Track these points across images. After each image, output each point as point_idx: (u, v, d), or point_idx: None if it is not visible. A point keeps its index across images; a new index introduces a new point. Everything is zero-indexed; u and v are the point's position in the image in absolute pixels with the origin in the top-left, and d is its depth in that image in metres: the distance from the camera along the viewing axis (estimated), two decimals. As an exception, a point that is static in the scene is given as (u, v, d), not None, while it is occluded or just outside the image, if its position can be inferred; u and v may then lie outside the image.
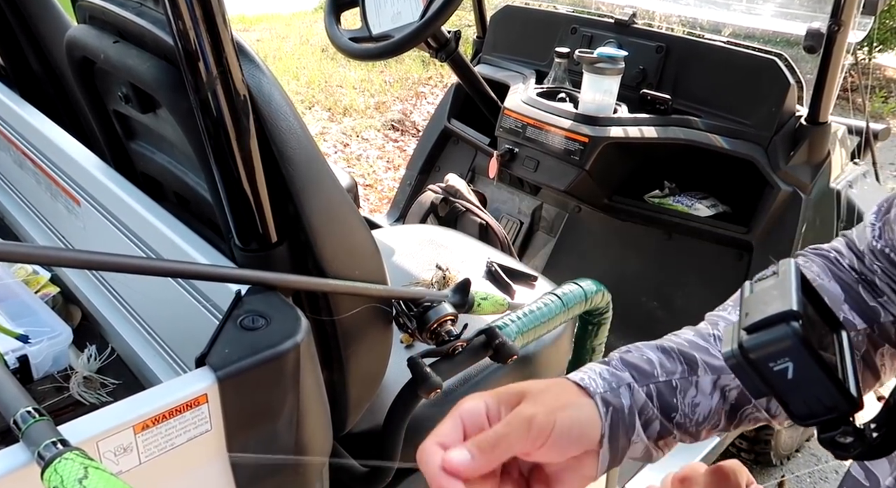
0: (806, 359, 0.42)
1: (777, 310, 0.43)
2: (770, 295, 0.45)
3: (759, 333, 0.43)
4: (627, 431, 0.47)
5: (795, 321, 0.42)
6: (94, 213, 0.86)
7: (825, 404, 0.43)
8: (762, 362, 0.42)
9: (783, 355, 0.42)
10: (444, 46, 1.59)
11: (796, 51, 1.52)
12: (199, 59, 0.56)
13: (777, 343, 0.42)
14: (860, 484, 0.60)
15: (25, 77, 1.07)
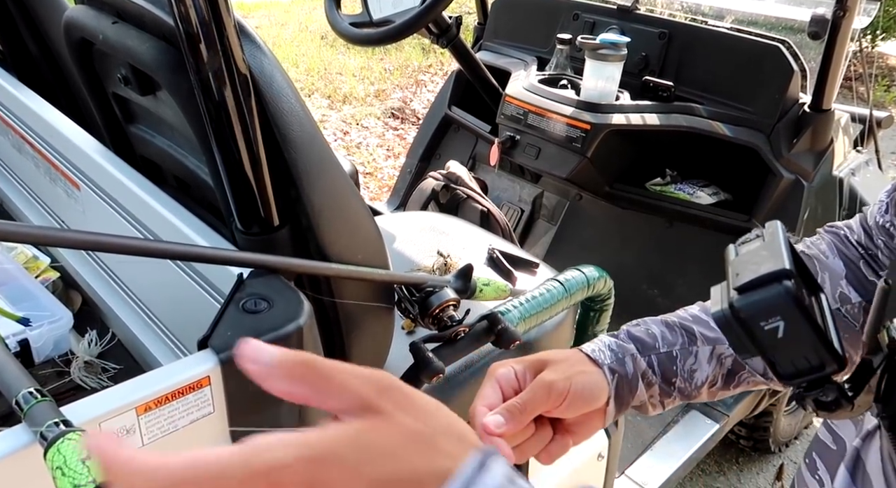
0: (798, 318, 0.42)
1: (769, 270, 0.43)
2: (759, 256, 0.45)
3: (750, 293, 0.43)
4: (631, 392, 0.56)
5: (789, 280, 0.43)
6: (94, 197, 0.85)
7: (812, 363, 0.43)
8: (753, 321, 0.43)
9: (775, 314, 0.43)
10: (446, 32, 1.58)
11: (800, 37, 1.51)
12: (200, 40, 0.55)
13: (770, 302, 0.43)
14: (828, 448, 0.62)
15: (23, 60, 1.06)
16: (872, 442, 0.53)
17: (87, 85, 0.87)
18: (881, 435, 0.52)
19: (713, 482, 1.78)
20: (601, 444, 1.19)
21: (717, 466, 1.82)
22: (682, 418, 1.56)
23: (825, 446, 0.63)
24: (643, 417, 1.55)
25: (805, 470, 0.65)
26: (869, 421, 0.55)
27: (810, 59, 1.50)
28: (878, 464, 0.52)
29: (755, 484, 1.77)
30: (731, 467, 1.82)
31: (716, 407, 1.57)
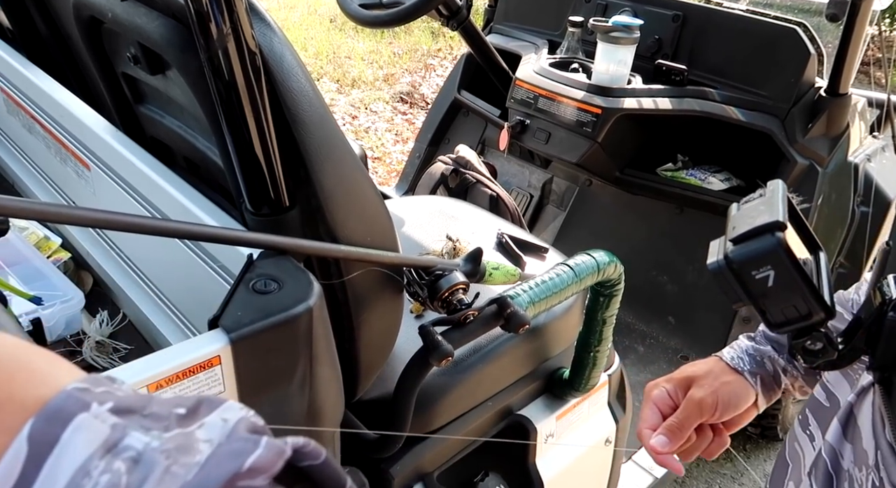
0: (787, 267, 0.45)
1: (763, 222, 0.46)
2: (757, 210, 0.48)
3: (744, 243, 0.46)
4: (777, 385, 0.62)
5: (780, 231, 0.45)
6: (105, 178, 0.85)
7: (800, 312, 0.46)
8: (745, 270, 0.46)
9: (766, 263, 0.45)
10: (456, 14, 1.56)
11: (818, 20, 1.48)
12: (210, 17, 0.55)
13: (761, 251, 0.45)
14: (822, 406, 0.65)
15: (32, 40, 1.05)
16: (866, 397, 0.56)
17: (96, 64, 0.87)
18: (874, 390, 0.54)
19: (720, 468, 1.78)
20: (609, 429, 1.19)
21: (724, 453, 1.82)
22: (689, 404, 1.55)
23: (819, 403, 0.65)
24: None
25: (797, 426, 0.68)
26: (864, 379, 0.57)
27: (827, 42, 1.48)
28: (869, 417, 0.54)
29: (762, 471, 1.77)
30: (739, 453, 1.82)
31: (724, 393, 1.56)
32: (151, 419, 0.18)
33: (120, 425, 0.17)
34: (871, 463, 0.52)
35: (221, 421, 0.18)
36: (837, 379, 0.63)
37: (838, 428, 0.58)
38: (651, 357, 1.68)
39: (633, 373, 1.62)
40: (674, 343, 1.71)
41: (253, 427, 0.19)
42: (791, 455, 0.67)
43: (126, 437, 0.17)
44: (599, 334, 1.03)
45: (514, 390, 1.04)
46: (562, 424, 1.10)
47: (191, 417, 0.18)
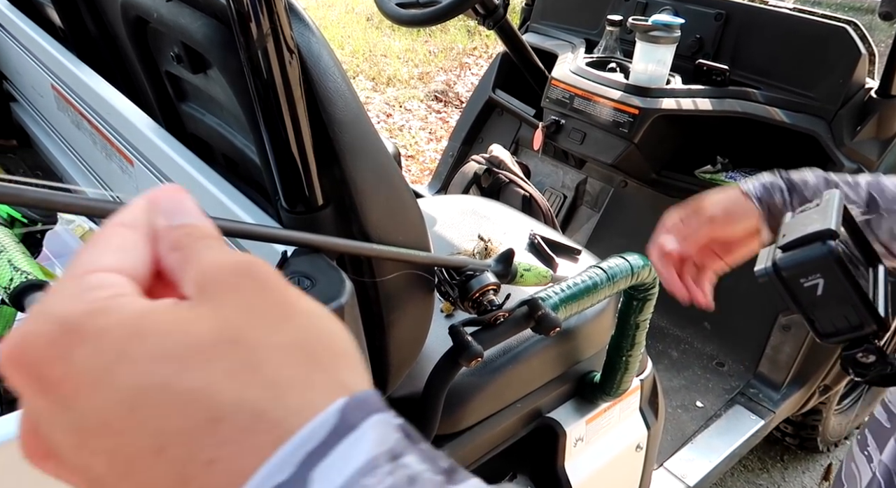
0: (837, 276, 0.44)
1: (814, 230, 0.45)
2: (810, 219, 0.48)
3: (793, 251, 0.46)
4: (779, 216, 0.59)
5: (831, 239, 0.45)
6: (147, 173, 0.88)
7: (851, 322, 0.45)
8: (793, 278, 0.45)
9: (815, 271, 0.44)
10: (492, 13, 1.55)
11: (870, 18, 1.43)
12: (251, 18, 0.56)
13: (810, 259, 0.45)
14: (882, 426, 0.63)
15: (82, 38, 1.09)
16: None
17: (141, 63, 0.89)
18: None
19: (755, 479, 1.74)
20: (640, 435, 1.17)
21: (760, 463, 1.78)
22: (724, 413, 1.52)
23: (879, 423, 0.63)
24: (684, 410, 1.52)
25: (855, 446, 0.66)
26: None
27: (879, 41, 1.42)
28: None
29: (800, 483, 1.72)
30: (776, 464, 1.77)
31: (762, 403, 1.52)
32: (425, 454, 0.17)
33: (403, 442, 0.17)
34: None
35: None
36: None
37: (895, 448, 0.56)
38: (685, 362, 1.65)
39: (667, 379, 1.59)
40: (709, 349, 1.67)
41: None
42: (847, 475, 0.65)
43: (407, 455, 0.17)
44: (632, 338, 1.01)
45: (543, 392, 1.03)
46: (592, 428, 1.09)
47: (452, 474, 0.17)
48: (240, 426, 0.16)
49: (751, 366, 1.59)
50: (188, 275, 0.19)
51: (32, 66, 1.18)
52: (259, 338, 0.17)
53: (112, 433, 0.17)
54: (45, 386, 0.17)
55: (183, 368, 0.17)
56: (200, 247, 0.20)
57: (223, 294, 0.18)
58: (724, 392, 1.56)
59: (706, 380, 1.60)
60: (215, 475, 0.16)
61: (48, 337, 0.17)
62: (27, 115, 1.37)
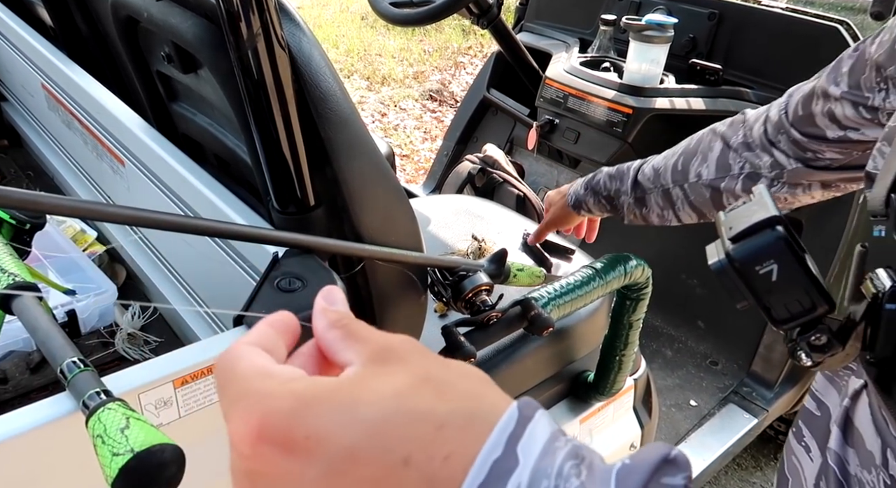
0: (790, 260, 0.45)
1: (760, 218, 0.46)
2: (749, 210, 0.49)
3: (745, 241, 0.47)
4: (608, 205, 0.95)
5: (779, 225, 0.46)
6: (138, 174, 0.87)
7: (804, 306, 0.46)
8: (748, 267, 0.46)
9: (768, 257, 0.45)
10: (486, 13, 1.55)
11: (862, 18, 1.43)
12: (241, 18, 0.55)
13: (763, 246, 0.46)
14: (813, 415, 0.64)
15: (73, 37, 1.08)
16: (860, 400, 0.55)
17: (132, 62, 0.89)
18: (868, 391, 0.54)
19: (749, 477, 1.74)
20: (634, 434, 1.18)
21: (753, 461, 1.78)
22: (718, 411, 1.52)
23: (810, 413, 0.64)
24: (678, 409, 1.52)
25: (792, 438, 0.67)
26: (855, 383, 0.57)
27: (871, 41, 1.42)
28: (868, 418, 0.53)
29: (792, 482, 1.73)
30: (769, 463, 1.78)
31: (755, 401, 1.53)
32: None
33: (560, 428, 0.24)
34: (878, 463, 0.51)
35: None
36: (826, 388, 0.63)
37: (839, 435, 0.57)
38: (679, 361, 1.65)
39: (660, 378, 1.60)
40: (703, 348, 1.68)
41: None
42: (790, 469, 0.66)
43: (569, 434, 0.24)
44: (625, 338, 1.01)
45: (537, 392, 1.03)
46: (585, 428, 1.09)
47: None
48: (459, 426, 0.22)
49: (744, 364, 1.59)
50: (356, 346, 0.25)
51: (23, 65, 1.17)
52: (440, 373, 0.24)
53: (362, 461, 0.21)
54: (292, 448, 0.21)
55: (403, 401, 0.22)
56: (360, 327, 0.26)
57: (399, 357, 0.24)
58: (717, 390, 1.57)
59: (700, 379, 1.60)
60: (452, 465, 0.21)
61: (286, 407, 0.22)
62: (18, 115, 1.36)
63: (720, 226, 0.50)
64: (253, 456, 0.22)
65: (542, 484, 0.21)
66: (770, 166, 0.74)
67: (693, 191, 0.81)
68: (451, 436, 0.22)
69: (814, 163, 0.71)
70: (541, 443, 0.22)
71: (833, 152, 0.68)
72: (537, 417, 0.23)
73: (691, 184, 0.81)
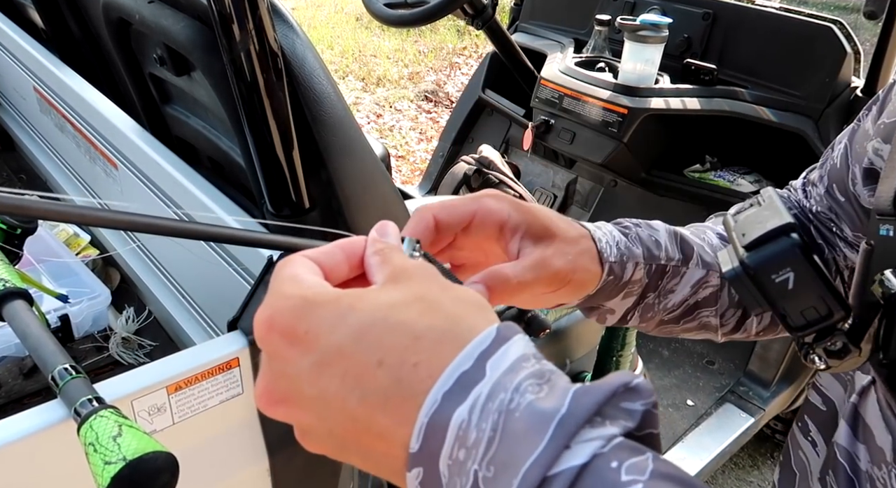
0: (807, 268, 0.44)
1: (775, 225, 0.45)
2: (761, 216, 0.47)
3: (760, 248, 0.45)
4: (608, 297, 0.49)
5: (794, 232, 0.45)
6: (131, 177, 0.87)
7: (820, 313, 0.45)
8: (764, 275, 0.45)
9: (785, 266, 0.45)
10: (481, 13, 1.55)
11: (855, 17, 1.44)
12: (233, 20, 0.55)
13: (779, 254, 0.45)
14: (818, 410, 0.63)
15: (65, 40, 1.07)
16: (869, 396, 0.55)
17: (124, 65, 0.88)
18: (876, 388, 0.53)
19: (746, 476, 1.75)
20: (630, 435, 1.18)
21: (751, 460, 1.79)
22: (715, 411, 1.53)
23: (815, 408, 0.64)
24: (675, 409, 1.52)
25: (798, 433, 0.66)
26: (862, 379, 0.56)
27: (865, 40, 1.43)
28: (877, 414, 0.53)
29: (789, 481, 1.73)
30: (766, 461, 1.78)
31: (752, 400, 1.53)
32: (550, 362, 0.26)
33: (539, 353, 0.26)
34: (889, 460, 0.51)
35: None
36: (830, 382, 0.62)
37: (848, 431, 0.56)
38: (676, 361, 1.65)
39: (658, 378, 1.60)
40: (699, 348, 1.68)
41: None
42: (797, 463, 0.66)
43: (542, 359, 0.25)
44: (623, 339, 1.01)
45: (534, 394, 1.03)
46: (583, 429, 1.09)
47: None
48: (433, 339, 0.25)
49: (741, 364, 1.59)
50: (384, 269, 0.29)
51: (14, 68, 1.16)
52: (435, 295, 0.27)
53: (346, 357, 0.25)
54: (293, 338, 0.26)
55: (391, 312, 0.26)
56: (395, 254, 0.30)
57: (409, 278, 0.28)
58: (714, 390, 1.57)
59: (697, 379, 1.60)
60: (419, 372, 0.24)
61: (293, 305, 0.26)
62: (10, 118, 1.35)
63: (731, 231, 0.49)
64: (264, 340, 0.26)
65: (499, 396, 0.23)
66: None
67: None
68: (424, 347, 0.25)
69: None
70: (509, 361, 0.24)
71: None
72: (514, 339, 0.25)
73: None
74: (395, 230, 0.32)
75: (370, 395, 0.25)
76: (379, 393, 0.24)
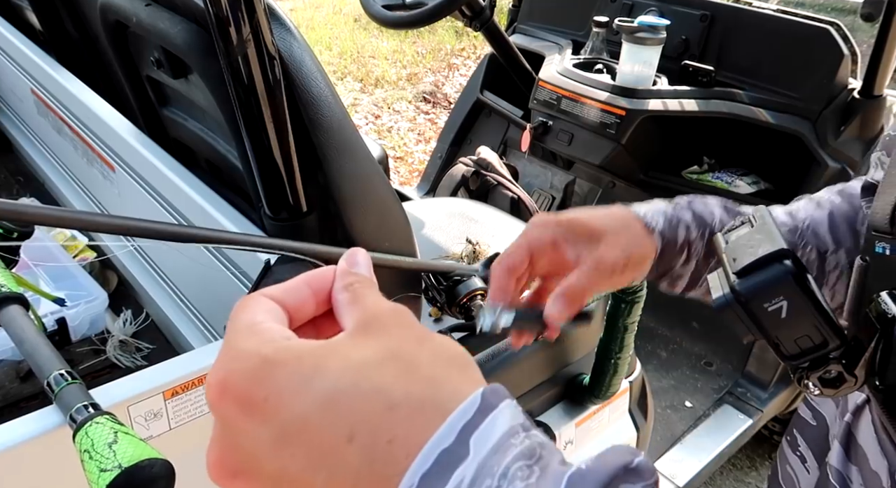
0: (800, 297, 0.42)
1: (767, 251, 0.43)
2: (754, 239, 0.45)
3: (752, 275, 0.43)
4: (671, 262, 0.52)
5: (788, 260, 0.43)
6: (129, 180, 0.86)
7: (814, 342, 0.43)
8: (756, 303, 0.43)
9: (778, 294, 0.42)
10: (479, 15, 1.55)
11: (852, 19, 1.44)
12: (230, 22, 0.55)
13: (772, 282, 0.43)
14: (809, 425, 0.63)
15: (62, 42, 1.07)
16: (863, 416, 0.53)
17: (121, 67, 0.88)
18: (871, 409, 0.52)
19: (745, 477, 1.75)
20: (629, 436, 1.17)
21: (749, 461, 1.79)
22: (713, 412, 1.53)
23: (806, 423, 0.63)
24: (673, 410, 1.52)
25: (786, 447, 0.65)
26: (856, 397, 0.55)
27: (862, 42, 1.43)
28: (872, 436, 0.51)
29: (787, 482, 1.73)
30: (764, 462, 1.78)
31: (750, 402, 1.53)
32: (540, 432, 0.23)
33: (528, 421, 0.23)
34: (884, 485, 0.50)
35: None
36: (822, 399, 0.61)
37: (841, 452, 0.55)
38: (674, 363, 1.65)
39: (656, 379, 1.60)
40: (697, 349, 1.68)
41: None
42: (784, 478, 0.65)
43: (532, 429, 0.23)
44: (621, 341, 1.01)
45: (532, 396, 1.03)
46: (581, 431, 1.09)
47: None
48: (411, 409, 0.22)
49: (739, 365, 1.59)
50: (354, 312, 0.25)
51: (11, 70, 1.16)
52: (412, 352, 0.23)
53: (311, 430, 0.22)
54: (250, 407, 0.22)
55: (363, 375, 0.22)
56: (366, 292, 0.26)
57: (382, 328, 0.24)
58: (712, 391, 1.57)
59: (695, 380, 1.60)
60: (395, 450, 0.21)
61: (251, 368, 0.23)
62: (7, 120, 1.35)
63: (722, 255, 0.46)
64: (216, 406, 0.23)
65: (484, 482, 0.20)
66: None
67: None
68: (400, 420, 0.22)
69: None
70: (496, 437, 0.21)
71: None
72: (501, 407, 0.22)
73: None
74: (365, 259, 0.28)
75: (339, 475, 0.21)
76: (349, 474, 0.21)
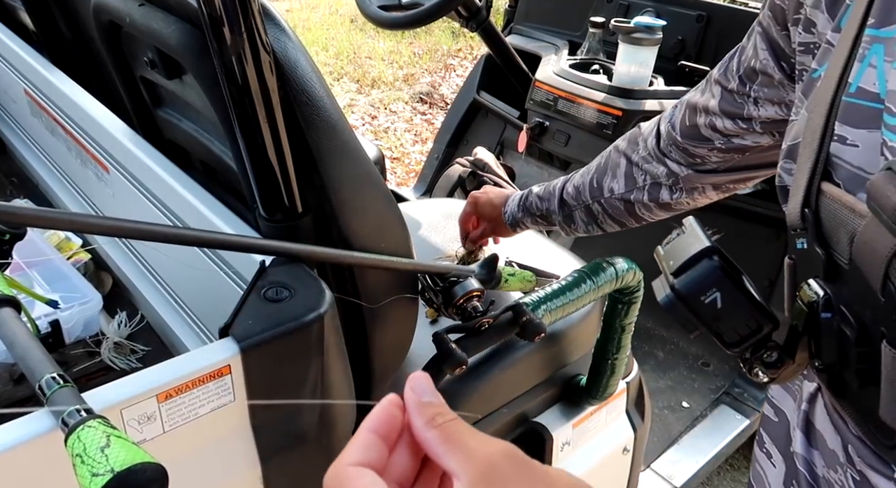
0: (730, 286, 0.49)
1: (695, 250, 0.50)
2: (684, 243, 0.52)
3: (686, 273, 0.50)
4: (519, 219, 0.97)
5: (714, 254, 0.50)
6: (123, 181, 0.86)
7: (751, 327, 0.49)
8: (693, 297, 0.49)
9: (710, 286, 0.49)
10: (475, 15, 1.55)
11: (848, 20, 1.44)
12: (224, 22, 0.54)
13: (703, 276, 0.49)
14: (771, 421, 0.67)
15: (56, 42, 1.07)
16: (817, 402, 0.58)
17: (115, 68, 0.87)
18: (822, 393, 0.56)
19: (742, 478, 1.75)
20: (627, 437, 1.17)
21: (746, 462, 1.79)
22: (710, 413, 1.53)
23: (769, 420, 0.67)
24: (671, 411, 1.52)
25: (756, 446, 0.69)
26: (809, 386, 0.59)
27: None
28: (826, 418, 0.55)
29: (784, 482, 1.73)
30: (760, 463, 1.78)
31: (747, 402, 1.53)
32: None
33: None
34: (842, 461, 0.53)
35: None
36: (782, 395, 0.65)
37: (802, 438, 0.58)
38: (671, 363, 1.65)
39: (653, 380, 1.60)
40: (694, 349, 1.68)
41: None
42: (754, 476, 0.68)
43: None
44: (618, 342, 1.01)
45: (529, 397, 1.03)
46: (578, 432, 1.09)
47: None
48: None
49: (735, 365, 1.59)
50: (458, 457, 0.24)
51: (5, 70, 1.15)
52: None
53: None
54: None
55: None
56: (458, 428, 0.25)
57: (503, 480, 0.24)
58: (709, 392, 1.57)
59: (692, 381, 1.60)
60: None
61: None
62: (0, 121, 1.34)
63: (661, 261, 0.53)
64: None
65: None
66: (666, 175, 0.79)
67: (609, 205, 0.88)
68: None
69: (702, 168, 0.76)
70: None
71: (717, 157, 0.73)
72: None
73: (606, 199, 0.87)
74: (430, 383, 0.27)
75: None
76: None
